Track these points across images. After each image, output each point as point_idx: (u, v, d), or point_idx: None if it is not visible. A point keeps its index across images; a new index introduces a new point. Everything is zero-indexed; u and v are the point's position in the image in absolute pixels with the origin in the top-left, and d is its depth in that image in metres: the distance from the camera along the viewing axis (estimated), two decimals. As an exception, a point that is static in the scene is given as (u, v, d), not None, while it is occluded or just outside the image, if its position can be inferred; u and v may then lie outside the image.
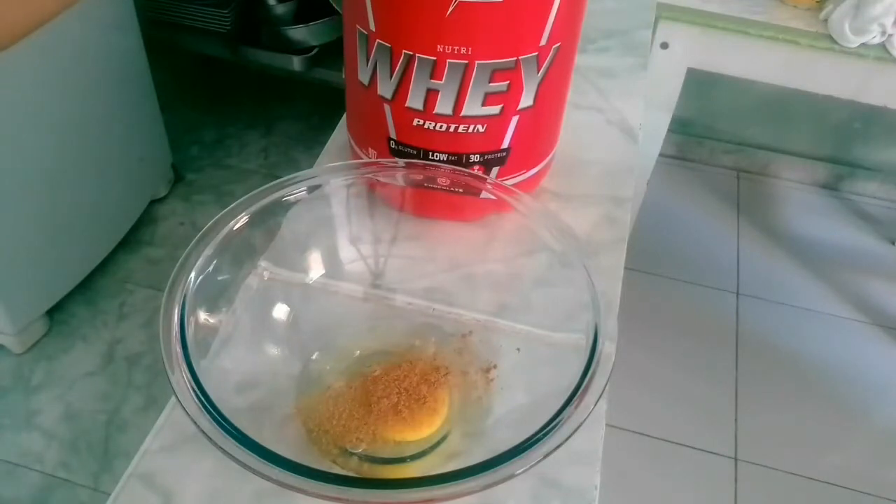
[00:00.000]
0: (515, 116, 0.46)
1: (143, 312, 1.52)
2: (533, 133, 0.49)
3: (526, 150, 0.49)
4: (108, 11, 1.39)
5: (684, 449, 1.38)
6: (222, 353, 0.37)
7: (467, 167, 0.47)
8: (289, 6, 1.63)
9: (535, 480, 0.39)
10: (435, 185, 0.46)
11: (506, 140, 0.47)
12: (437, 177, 0.44)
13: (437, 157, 0.47)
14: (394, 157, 0.49)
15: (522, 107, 0.46)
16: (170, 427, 0.41)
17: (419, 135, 0.46)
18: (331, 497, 0.29)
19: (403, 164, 0.45)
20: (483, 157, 0.48)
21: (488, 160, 0.48)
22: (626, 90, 0.67)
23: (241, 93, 2.10)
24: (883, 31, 1.09)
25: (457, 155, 0.47)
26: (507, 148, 0.48)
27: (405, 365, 0.41)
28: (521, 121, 0.46)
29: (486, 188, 0.43)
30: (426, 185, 0.46)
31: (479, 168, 0.48)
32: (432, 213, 0.50)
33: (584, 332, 0.35)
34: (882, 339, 1.60)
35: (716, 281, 1.69)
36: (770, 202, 1.92)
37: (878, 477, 1.36)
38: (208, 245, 0.38)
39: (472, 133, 0.46)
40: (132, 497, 0.38)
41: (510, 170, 0.49)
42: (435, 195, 0.46)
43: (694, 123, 1.92)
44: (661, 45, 1.21)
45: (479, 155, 0.47)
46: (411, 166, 0.45)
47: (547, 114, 0.49)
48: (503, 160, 0.48)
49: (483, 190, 0.43)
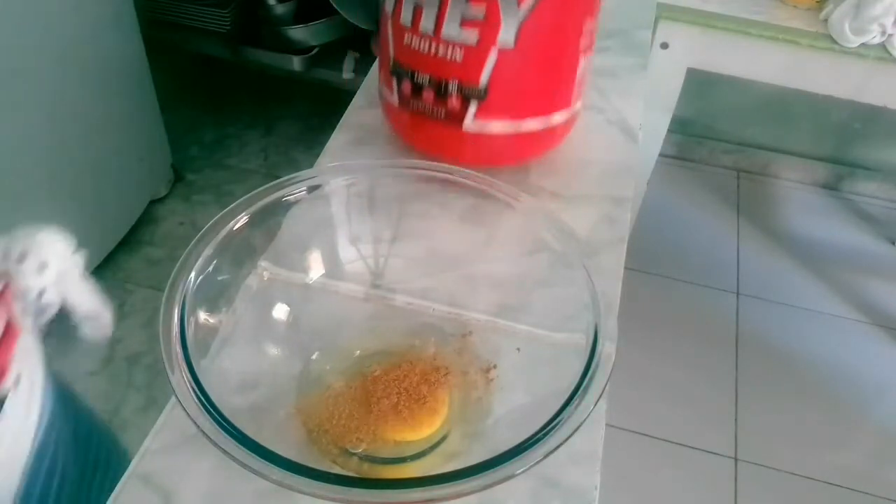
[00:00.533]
0: (494, 53, 0.48)
1: (143, 312, 1.52)
2: (515, 78, 0.50)
3: (508, 96, 0.51)
4: (108, 11, 1.39)
5: (684, 449, 1.38)
6: (222, 353, 0.37)
7: (446, 97, 0.51)
8: (289, 6, 1.63)
9: (535, 480, 0.39)
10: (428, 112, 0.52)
11: (483, 76, 0.49)
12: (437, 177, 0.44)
13: (421, 80, 0.51)
14: (390, 85, 0.54)
15: (502, 44, 0.48)
16: (170, 427, 0.41)
17: (409, 55, 0.51)
18: (331, 497, 0.29)
19: (404, 164, 0.45)
20: (461, 88, 0.50)
21: (466, 92, 0.50)
22: (626, 90, 0.67)
23: (241, 93, 2.10)
24: (883, 31, 1.09)
25: (438, 79, 0.51)
26: (486, 86, 0.50)
27: (405, 365, 0.41)
28: (501, 61, 0.49)
29: (486, 187, 0.43)
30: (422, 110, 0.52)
31: (457, 98, 0.51)
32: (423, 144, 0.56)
33: (584, 332, 0.35)
34: (882, 339, 1.60)
35: (716, 281, 1.69)
36: (770, 202, 1.92)
37: (878, 477, 1.36)
38: (208, 245, 0.38)
39: (451, 60, 0.49)
40: (132, 497, 0.38)
41: (490, 112, 0.51)
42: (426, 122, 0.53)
43: (694, 123, 1.92)
44: (661, 45, 1.21)
45: (458, 83, 0.50)
46: (411, 167, 0.45)
47: (534, 64, 0.50)
48: (482, 96, 0.50)
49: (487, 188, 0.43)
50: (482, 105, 0.51)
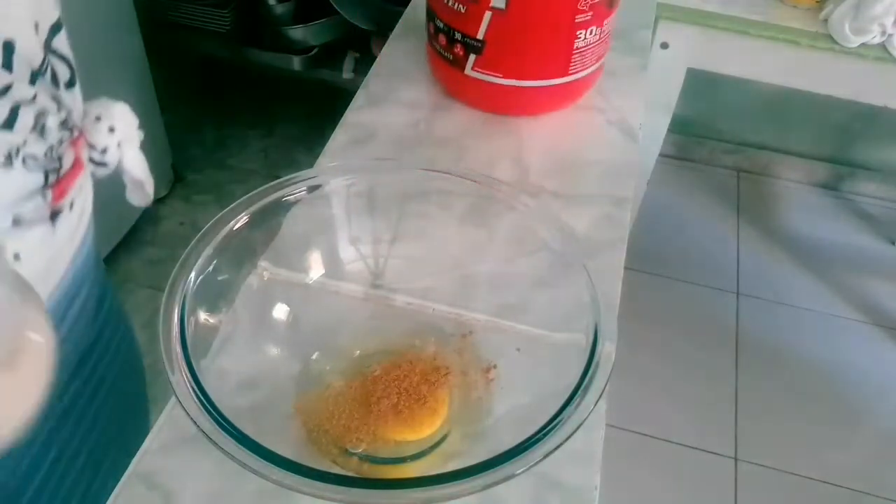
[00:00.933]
0: (488, 12, 0.56)
1: (143, 312, 1.52)
2: (507, 38, 0.57)
3: (502, 53, 0.58)
4: (108, 11, 1.39)
5: (684, 449, 1.38)
6: (222, 353, 0.37)
7: (454, 44, 0.59)
8: (289, 6, 1.63)
9: (535, 480, 0.39)
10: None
11: (480, 30, 0.57)
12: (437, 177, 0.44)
13: (439, 24, 0.60)
14: (427, 24, 0.63)
15: (495, 5, 0.55)
16: (170, 427, 0.41)
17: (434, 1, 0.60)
18: (331, 497, 0.29)
19: (404, 164, 0.45)
20: (463, 38, 0.58)
21: (467, 43, 0.59)
22: (626, 90, 0.67)
23: (241, 93, 2.10)
24: (883, 31, 1.09)
25: (448, 27, 0.59)
26: (483, 40, 0.58)
27: (405, 365, 0.41)
28: (496, 20, 0.56)
29: (486, 187, 0.43)
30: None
31: (459, 48, 0.59)
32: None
33: (584, 332, 0.35)
34: (882, 339, 1.60)
35: (716, 281, 1.69)
36: (770, 202, 1.92)
37: (878, 477, 1.36)
38: (208, 245, 0.38)
39: (457, 11, 0.57)
40: (132, 497, 0.38)
41: (486, 65, 0.59)
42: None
43: (694, 123, 1.92)
44: (661, 45, 1.21)
45: (461, 34, 0.58)
46: (411, 167, 0.45)
47: (525, 27, 0.56)
48: (479, 50, 0.58)
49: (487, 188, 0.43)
50: (480, 57, 0.59)
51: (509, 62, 0.59)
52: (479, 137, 0.62)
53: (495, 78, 0.60)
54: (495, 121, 0.63)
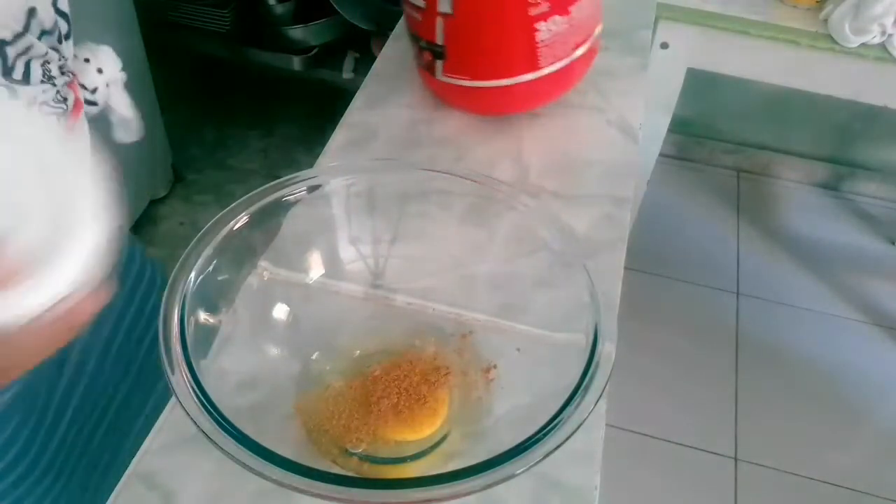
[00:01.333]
0: (439, 17, 0.55)
1: (143, 312, 1.52)
2: (463, 40, 0.57)
3: (463, 56, 0.58)
4: (108, 11, 1.38)
5: (684, 449, 1.38)
6: (222, 353, 0.37)
7: (422, 51, 0.59)
8: (289, 6, 1.63)
9: (535, 480, 0.39)
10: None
11: (437, 36, 0.57)
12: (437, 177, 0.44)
13: (410, 34, 0.60)
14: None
15: (442, 10, 0.55)
16: (170, 427, 0.41)
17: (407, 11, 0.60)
18: (331, 497, 0.29)
19: (404, 164, 0.45)
20: (428, 45, 0.58)
21: (432, 49, 0.58)
22: (626, 90, 0.67)
23: (242, 93, 2.10)
24: (883, 31, 1.09)
25: (415, 35, 0.60)
26: (443, 45, 0.57)
27: (405, 365, 0.41)
28: (448, 25, 0.56)
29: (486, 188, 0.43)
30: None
31: (427, 55, 0.59)
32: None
33: (584, 332, 0.35)
34: (882, 339, 1.60)
35: (716, 281, 1.69)
36: (770, 202, 1.92)
37: (878, 477, 1.36)
38: (208, 245, 0.38)
39: (416, 20, 0.58)
40: (132, 497, 0.38)
41: (453, 69, 0.59)
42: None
43: (694, 123, 1.92)
44: (661, 45, 1.21)
45: (425, 42, 0.59)
46: (411, 167, 0.45)
47: (478, 29, 0.56)
48: (442, 55, 0.58)
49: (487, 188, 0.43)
50: (445, 62, 0.59)
51: (472, 64, 0.58)
52: (478, 137, 0.62)
53: (464, 81, 0.59)
54: (495, 121, 0.63)
